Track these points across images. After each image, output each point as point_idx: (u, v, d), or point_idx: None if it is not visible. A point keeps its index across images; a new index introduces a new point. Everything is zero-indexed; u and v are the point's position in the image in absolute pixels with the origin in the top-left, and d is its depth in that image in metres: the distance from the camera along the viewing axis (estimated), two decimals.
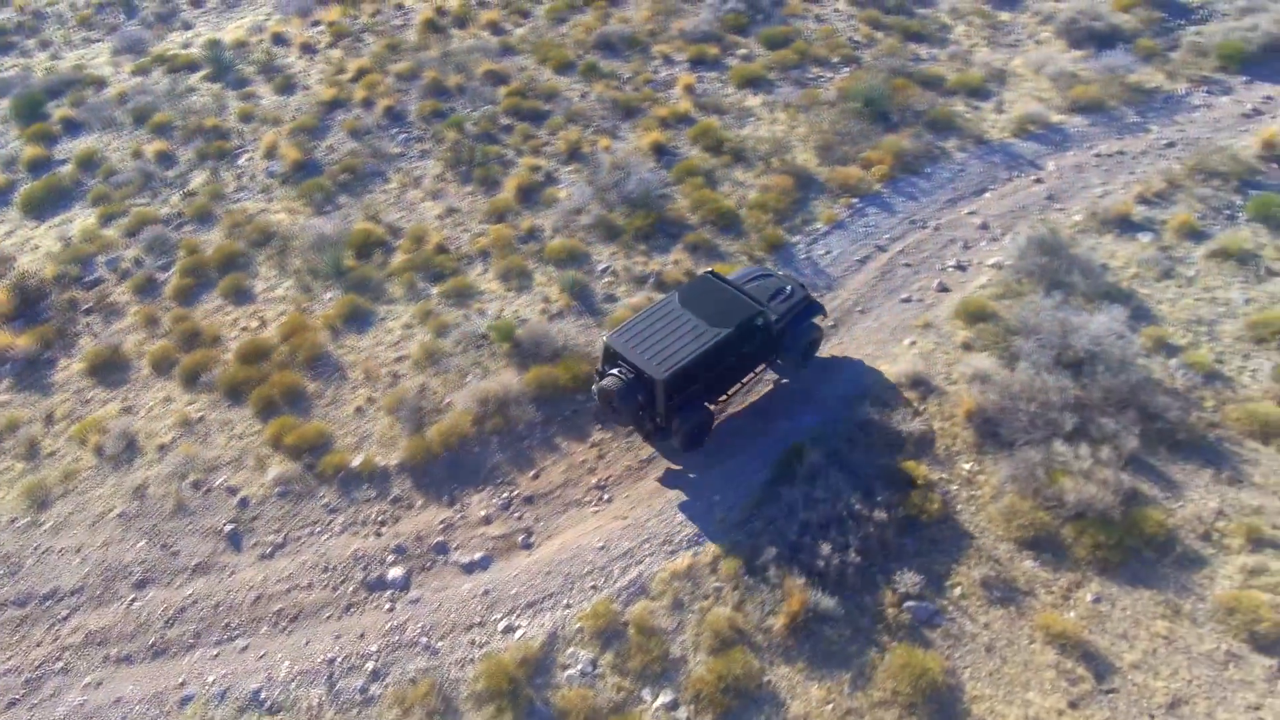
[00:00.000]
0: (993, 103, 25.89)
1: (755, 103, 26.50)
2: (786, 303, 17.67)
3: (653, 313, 16.65)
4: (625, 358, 15.97)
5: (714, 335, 16.03)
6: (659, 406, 15.84)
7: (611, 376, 16.08)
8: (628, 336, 16.27)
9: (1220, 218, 21.43)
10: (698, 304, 16.63)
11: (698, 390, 16.29)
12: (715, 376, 16.52)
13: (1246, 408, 17.23)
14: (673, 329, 16.25)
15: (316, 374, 19.64)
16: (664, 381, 15.53)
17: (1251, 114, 24.73)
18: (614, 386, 15.92)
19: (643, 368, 15.71)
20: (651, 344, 16.02)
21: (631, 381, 15.87)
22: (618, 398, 15.91)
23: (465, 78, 28.58)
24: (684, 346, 15.92)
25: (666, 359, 15.76)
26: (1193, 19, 28.65)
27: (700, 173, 23.82)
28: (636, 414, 15.98)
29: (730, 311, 16.49)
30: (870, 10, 30.16)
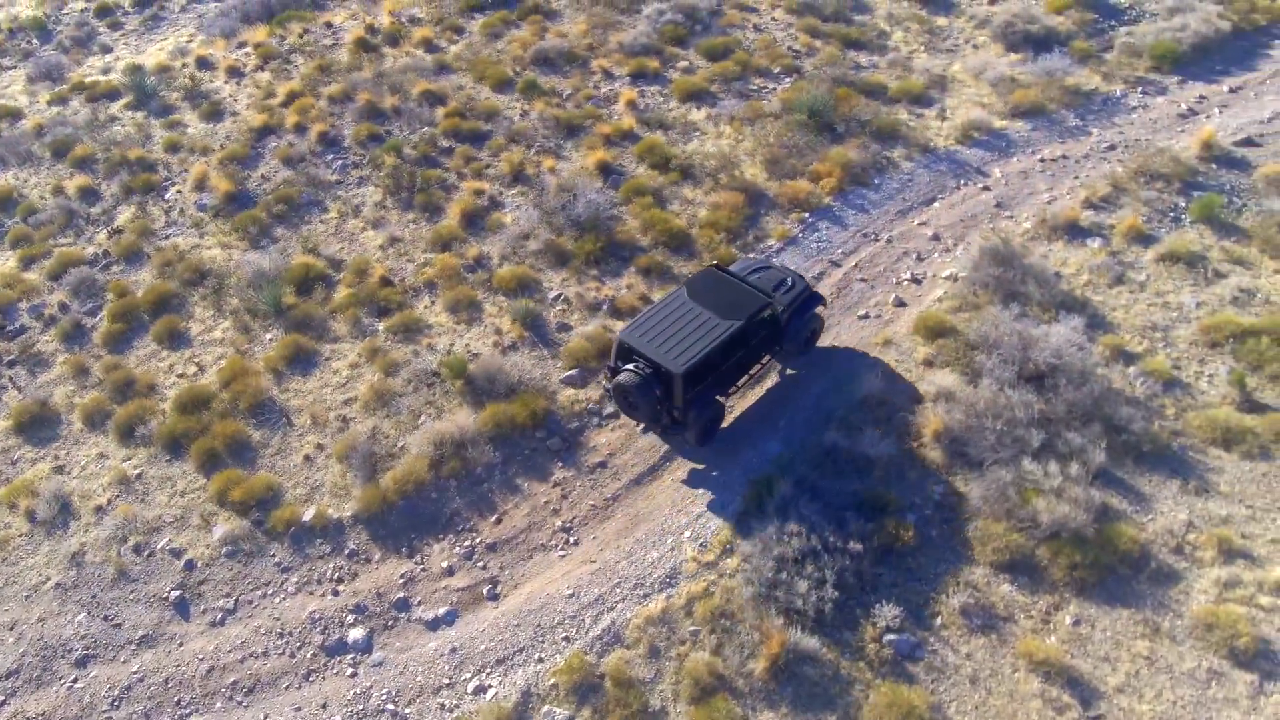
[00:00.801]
0: (935, 110, 25.65)
1: (699, 116, 25.93)
2: (789, 293, 17.68)
3: (662, 308, 16.62)
4: (641, 353, 15.86)
5: (727, 327, 16.09)
6: (676, 400, 15.72)
7: (628, 372, 15.95)
8: (641, 331, 16.19)
9: (1166, 220, 21.38)
10: (707, 297, 16.64)
11: (710, 383, 16.23)
12: (726, 369, 16.51)
13: (1207, 414, 17.10)
14: (685, 323, 16.25)
15: (261, 421, 18.61)
16: (682, 375, 15.41)
17: (1187, 114, 24.80)
18: (631, 382, 15.78)
19: (660, 361, 15.63)
20: (666, 338, 15.99)
21: (648, 376, 15.74)
22: (635, 393, 15.77)
23: (401, 99, 27.59)
24: (699, 339, 15.92)
25: (683, 352, 15.71)
26: (1124, 20, 28.75)
27: (648, 192, 23.19)
28: (654, 408, 15.82)
29: (740, 303, 16.52)
30: (808, 18, 29.77)
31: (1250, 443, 16.61)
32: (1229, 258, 20.34)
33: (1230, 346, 18.30)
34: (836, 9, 30.09)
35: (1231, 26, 27.53)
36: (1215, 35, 27.09)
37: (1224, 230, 20.96)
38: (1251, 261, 20.23)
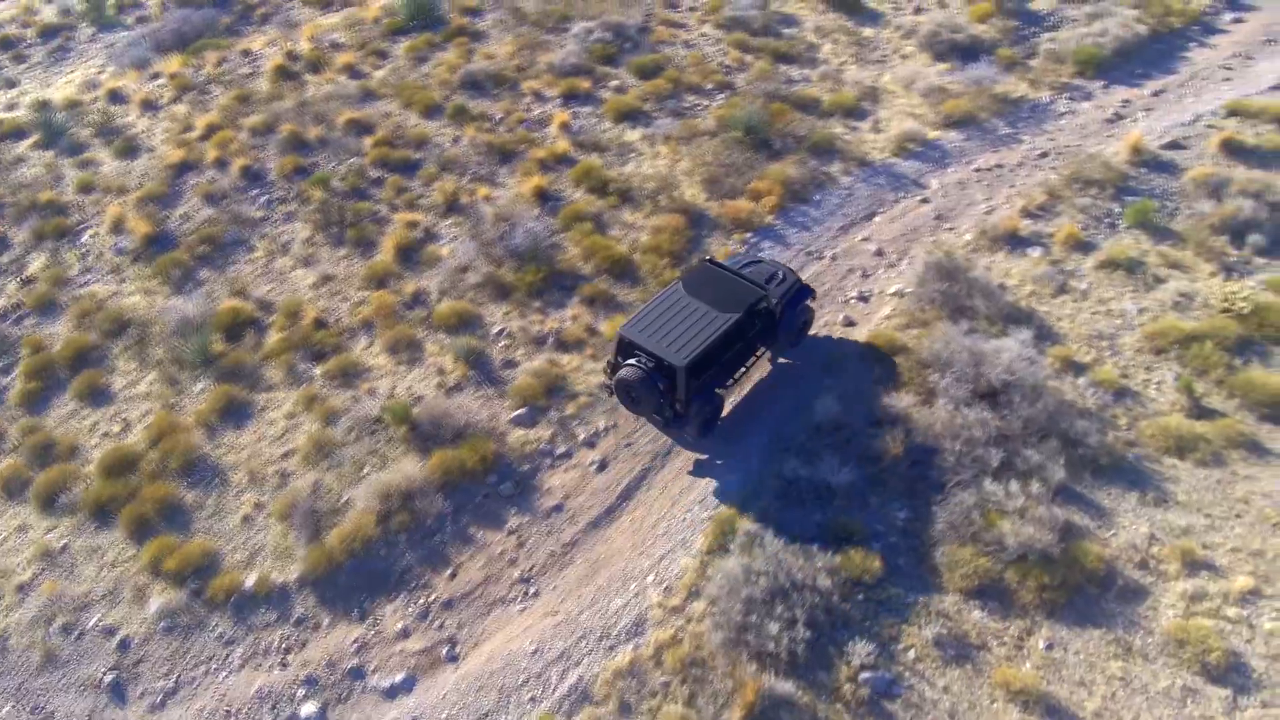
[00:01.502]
0: (869, 122, 25.37)
1: (635, 137, 25.29)
2: (781, 286, 17.83)
3: (660, 303, 16.75)
4: (643, 347, 15.98)
5: (725, 320, 16.28)
6: (679, 393, 15.81)
7: (630, 367, 16.04)
8: (641, 327, 16.31)
9: (1102, 227, 21.33)
10: (704, 291, 16.84)
11: (710, 376, 16.36)
12: (725, 361, 16.67)
13: (1159, 423, 16.97)
14: (684, 317, 16.39)
15: (194, 481, 17.47)
16: (685, 367, 15.54)
17: (1114, 118, 24.89)
18: (634, 377, 15.88)
19: (662, 355, 15.74)
20: (666, 332, 16.13)
21: (651, 370, 15.84)
22: (639, 387, 15.88)
23: (326, 128, 26.47)
24: (699, 333, 16.07)
25: (684, 345, 15.87)
26: (1045, 26, 28.85)
27: (588, 217, 22.47)
28: (658, 402, 15.90)
29: (736, 296, 16.73)
30: (737, 33, 29.34)
31: (1203, 450, 16.50)
32: (1166, 262, 20.33)
33: (1175, 352, 18.23)
34: (765, 23, 29.73)
35: (1149, 30, 27.76)
36: (1134, 39, 27.30)
37: (1159, 234, 20.97)
38: (1188, 265, 20.24)
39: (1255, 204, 20.83)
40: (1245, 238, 20.51)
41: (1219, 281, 19.59)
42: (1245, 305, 18.54)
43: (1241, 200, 20.94)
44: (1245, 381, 17.36)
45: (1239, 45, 27.49)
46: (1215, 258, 20.23)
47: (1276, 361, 17.99)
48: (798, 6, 30.76)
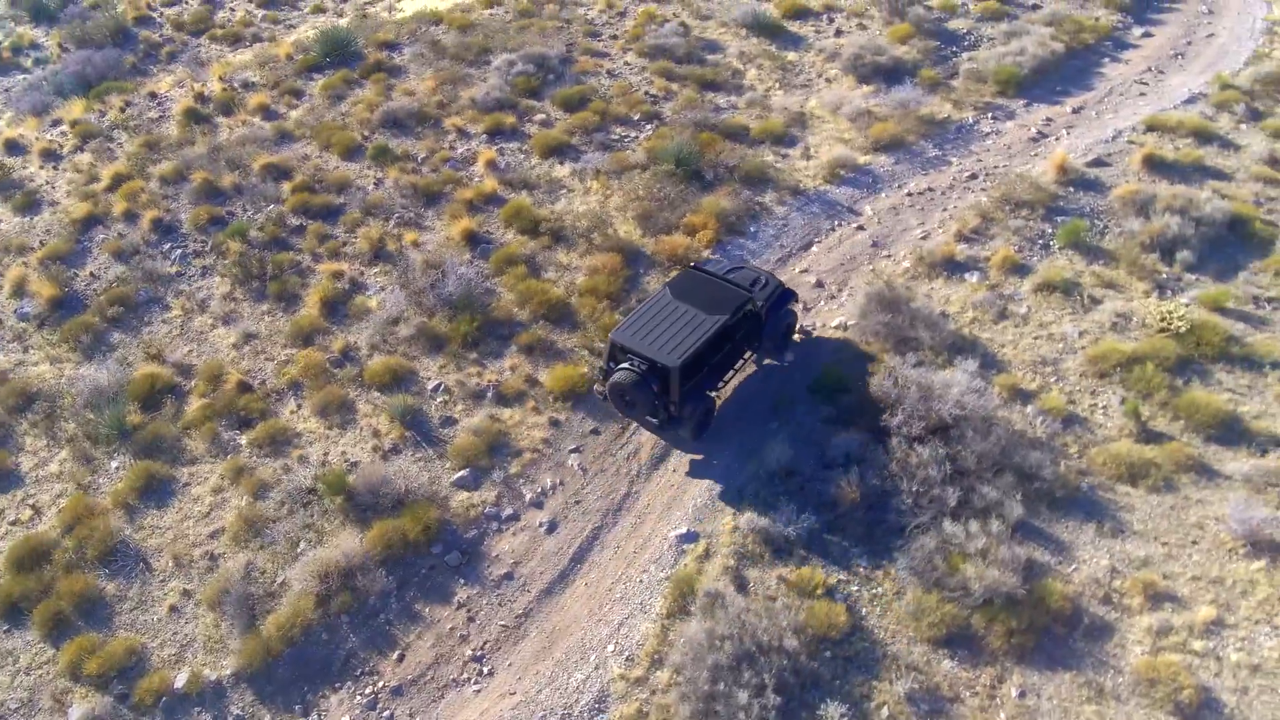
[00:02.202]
0: (800, 149, 24.97)
1: (564, 172, 24.48)
2: (764, 290, 18.06)
3: (649, 308, 16.87)
4: (636, 351, 16.06)
5: (714, 322, 16.42)
6: (673, 395, 15.89)
7: (623, 370, 16.05)
8: (633, 331, 16.40)
9: (1036, 248, 21.18)
10: (691, 295, 16.97)
11: (702, 378, 16.49)
12: (715, 364, 16.80)
13: (1109, 450, 16.73)
14: (673, 320, 16.51)
15: (114, 570, 16.13)
16: (678, 369, 15.64)
17: (1038, 137, 24.89)
18: (628, 380, 15.92)
19: (655, 358, 15.84)
20: (657, 335, 16.23)
21: (644, 373, 15.86)
22: (633, 390, 15.92)
23: (241, 175, 25.13)
24: (689, 335, 16.18)
25: (676, 347, 15.97)
26: (964, 45, 28.86)
27: (521, 260, 21.58)
28: (652, 404, 15.94)
29: (724, 299, 16.88)
30: (661, 61, 28.76)
31: (1154, 476, 16.28)
32: (1101, 282, 20.23)
33: (1118, 375, 18.06)
34: (688, 50, 29.20)
35: (1065, 47, 27.92)
36: (1051, 57, 27.44)
37: (1091, 254, 20.89)
38: (1122, 284, 20.16)
39: (1181, 220, 20.86)
40: (1175, 254, 20.53)
41: (1154, 301, 19.52)
42: (1182, 324, 18.46)
43: (1168, 217, 20.96)
44: (1189, 403, 17.22)
45: (1150, 60, 27.82)
46: (1148, 276, 20.19)
47: (1216, 380, 17.92)
48: (719, 32, 30.33)
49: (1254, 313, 19.30)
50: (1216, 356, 18.18)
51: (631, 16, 31.65)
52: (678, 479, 16.96)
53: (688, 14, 31.39)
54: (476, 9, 33.47)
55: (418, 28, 32.00)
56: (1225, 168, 23.03)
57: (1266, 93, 25.43)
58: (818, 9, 31.17)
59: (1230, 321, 19.00)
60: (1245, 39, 28.09)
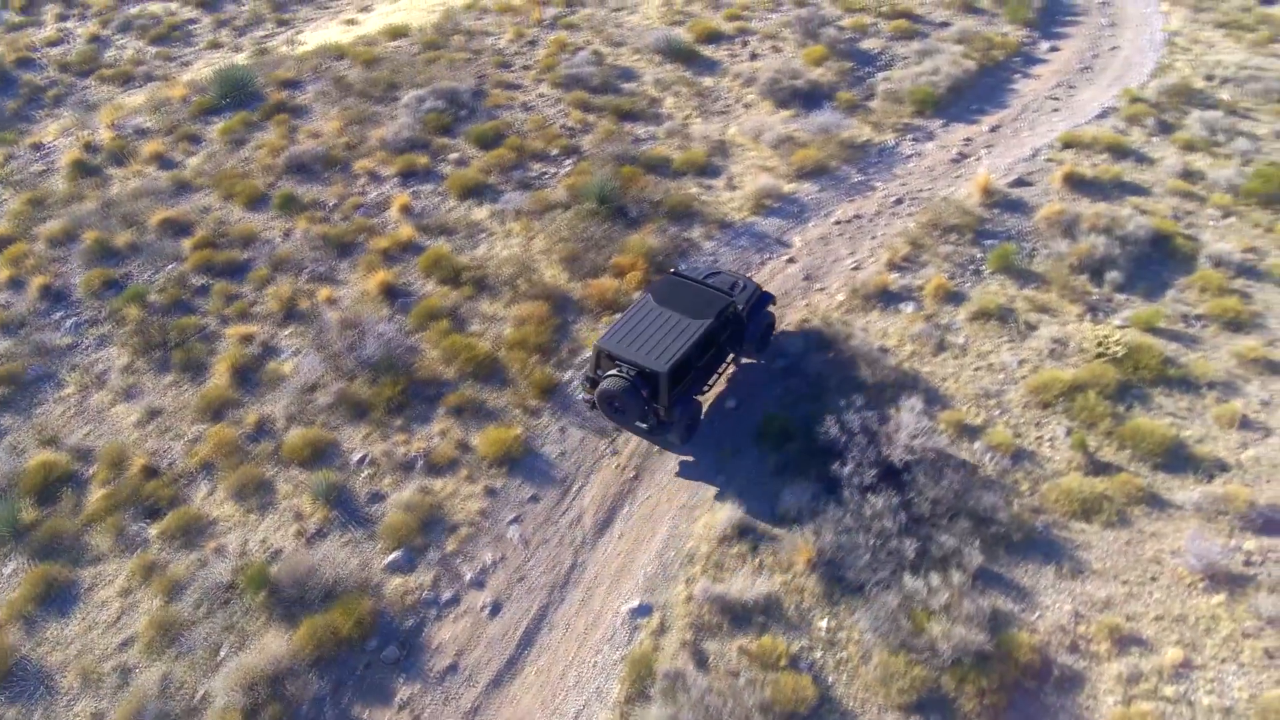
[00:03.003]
0: (724, 179, 24.21)
1: (483, 215, 23.28)
2: (744, 293, 18.09)
3: (633, 315, 16.83)
4: (623, 358, 16.04)
5: (698, 326, 16.47)
6: (662, 399, 15.87)
7: (612, 378, 15.97)
8: (619, 338, 16.36)
9: (968, 274, 20.75)
10: (674, 301, 17.01)
11: (689, 382, 16.53)
12: (701, 367, 16.82)
13: (1060, 485, 16.28)
14: (657, 326, 16.51)
15: (13, 694, 14.43)
16: (667, 373, 15.64)
17: (958, 158, 24.57)
18: (618, 387, 15.85)
19: (643, 363, 15.84)
20: (643, 341, 16.23)
21: (633, 379, 15.85)
22: (623, 397, 15.86)
23: (137, 232, 23.33)
24: (675, 340, 16.21)
25: (663, 352, 15.99)
26: (878, 65, 28.50)
27: (444, 314, 20.33)
28: (642, 410, 15.94)
29: (706, 303, 16.96)
30: (576, 91, 27.74)
31: (1107, 510, 15.87)
32: (1034, 306, 19.88)
33: (1061, 405, 17.65)
34: (603, 79, 28.25)
35: (977, 65, 27.74)
36: (965, 75, 27.25)
37: (1023, 278, 20.54)
38: (1055, 308, 19.83)
39: (1107, 240, 20.67)
40: (1104, 275, 20.29)
41: (1088, 325, 19.22)
42: (1119, 349, 18.15)
43: (1094, 237, 20.76)
44: (1134, 431, 16.88)
45: (1060, 75, 27.82)
46: (1079, 298, 19.91)
47: (1156, 404, 17.64)
48: (634, 59, 29.45)
49: (1185, 331, 19.13)
50: (1155, 380, 17.91)
51: (543, 45, 30.60)
52: (625, 545, 15.97)
53: (600, 41, 30.46)
54: (381, 41, 32.02)
55: (320, 63, 30.42)
56: (1143, 182, 22.98)
57: (1173, 105, 25.55)
58: (730, 32, 30.55)
59: (1164, 342, 18.79)
60: (1147, 50, 28.31)
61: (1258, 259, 20.70)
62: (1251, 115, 25.22)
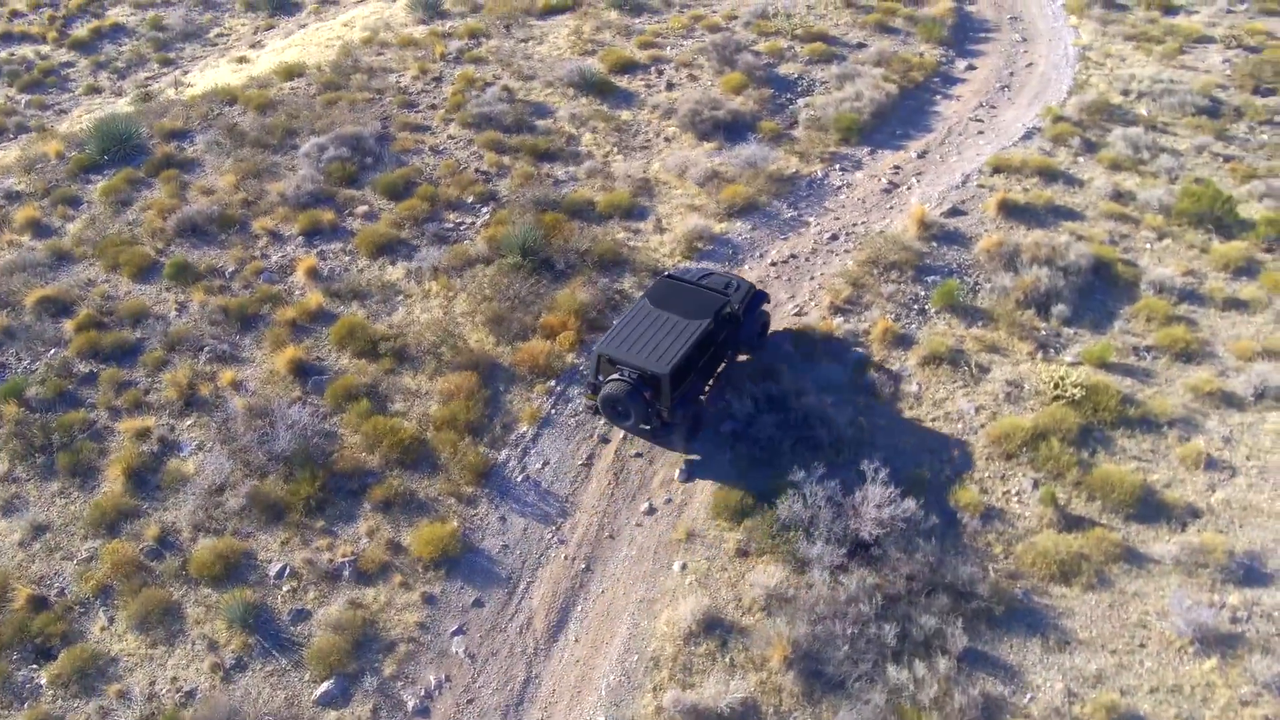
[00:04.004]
0: (651, 222, 22.76)
1: (398, 274, 21.38)
2: (738, 293, 17.94)
3: (631, 319, 16.74)
4: (624, 361, 15.92)
5: (697, 326, 16.41)
6: (664, 401, 15.76)
7: (614, 382, 15.89)
8: (618, 342, 16.28)
9: (913, 314, 19.72)
10: (670, 303, 16.93)
11: (690, 383, 16.41)
12: (701, 368, 16.71)
13: (1035, 546, 15.25)
14: (656, 328, 16.43)
15: None
16: (668, 374, 15.55)
17: (889, 187, 23.61)
18: (620, 391, 15.78)
19: (644, 366, 15.74)
20: (643, 344, 16.14)
21: (635, 382, 15.77)
22: (626, 400, 15.75)
23: (11, 314, 20.81)
24: (674, 341, 16.11)
25: (663, 354, 15.90)
26: (799, 91, 27.43)
27: (362, 392, 18.41)
28: (645, 412, 15.83)
29: (703, 304, 16.89)
30: (489, 132, 25.96)
31: (1086, 570, 14.91)
32: (984, 346, 18.94)
33: (1025, 455, 16.67)
34: (516, 117, 26.52)
35: (898, 88, 26.88)
36: (887, 99, 26.35)
37: (969, 316, 19.60)
38: (1005, 347, 18.93)
39: (1050, 272, 19.88)
40: (1050, 309, 19.48)
41: (1041, 364, 18.33)
42: (1076, 390, 17.27)
43: (1036, 269, 19.96)
44: (1102, 480, 15.99)
45: (980, 94, 27.15)
46: (1028, 335, 19.03)
47: (1120, 448, 16.81)
48: (546, 94, 27.81)
49: (1138, 365, 18.40)
50: (1115, 421, 17.09)
51: (449, 82, 28.73)
52: (583, 650, 14.37)
53: (509, 75, 28.72)
54: (275, 82, 29.73)
55: (210, 110, 28.05)
56: (1075, 206, 22.31)
57: (1094, 122, 25.04)
58: (645, 61, 29.13)
59: (1118, 378, 18.02)
60: (1063, 66, 27.85)
61: (1197, 282, 20.13)
62: (1171, 130, 24.86)
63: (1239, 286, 19.97)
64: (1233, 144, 24.35)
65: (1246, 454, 16.54)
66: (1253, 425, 17.06)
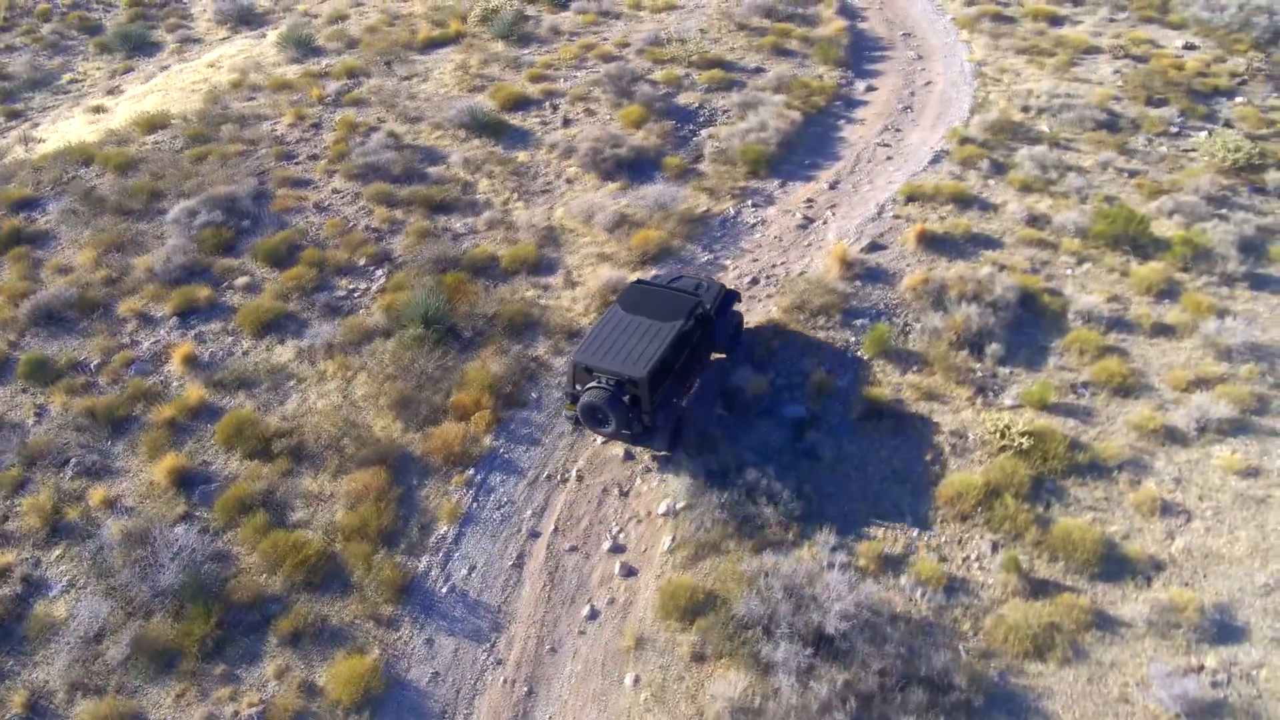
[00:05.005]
0: (560, 275, 21.03)
1: (288, 355, 19.13)
2: (710, 293, 17.85)
3: (604, 326, 16.36)
4: (601, 368, 15.55)
5: (671, 328, 16.09)
6: (645, 405, 15.41)
7: (593, 390, 15.48)
8: (593, 350, 15.89)
9: (847, 365, 18.50)
10: (642, 307, 16.62)
11: (669, 386, 15.94)
12: (679, 370, 16.22)
13: (1004, 620, 14.19)
14: (630, 333, 16.06)
15: None
16: (647, 378, 15.20)
17: (805, 223, 22.44)
18: (600, 398, 15.38)
19: (622, 371, 15.38)
20: (619, 350, 15.79)
21: (615, 389, 15.40)
22: (606, 407, 15.34)
23: None
24: (650, 345, 15.80)
25: (640, 358, 15.56)
26: (700, 122, 26.06)
27: (257, 501, 16.18)
28: (626, 418, 15.38)
29: (675, 306, 16.61)
30: (376, 183, 23.77)
31: (1060, 642, 13.91)
32: (922, 394, 17.89)
33: (980, 515, 15.60)
34: (406, 165, 24.39)
35: (801, 114, 25.77)
36: (792, 128, 25.21)
37: (903, 361, 18.53)
38: (943, 393, 17.91)
39: (979, 309, 18.98)
40: (984, 349, 18.54)
41: (983, 410, 17.35)
42: (1023, 440, 16.30)
43: (965, 307, 19.03)
44: (1063, 538, 15.05)
45: (883, 117, 26.30)
46: (965, 378, 18.06)
47: (1073, 498, 15.94)
48: (436, 136, 25.76)
49: (1077, 403, 17.61)
50: (1066, 470, 16.18)
51: (329, 128, 26.38)
52: None
53: (394, 118, 26.54)
54: (136, 137, 26.87)
55: (64, 172, 25.10)
56: (993, 233, 21.54)
57: (999, 142, 24.41)
58: (538, 95, 27.33)
59: (1061, 419, 17.20)
60: (961, 84, 27.22)
61: (1122, 308, 19.54)
62: (1074, 146, 24.40)
63: (1163, 310, 19.43)
64: (1135, 158, 24.01)
65: (1199, 494, 15.84)
66: (1199, 462, 16.39)
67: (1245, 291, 19.91)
